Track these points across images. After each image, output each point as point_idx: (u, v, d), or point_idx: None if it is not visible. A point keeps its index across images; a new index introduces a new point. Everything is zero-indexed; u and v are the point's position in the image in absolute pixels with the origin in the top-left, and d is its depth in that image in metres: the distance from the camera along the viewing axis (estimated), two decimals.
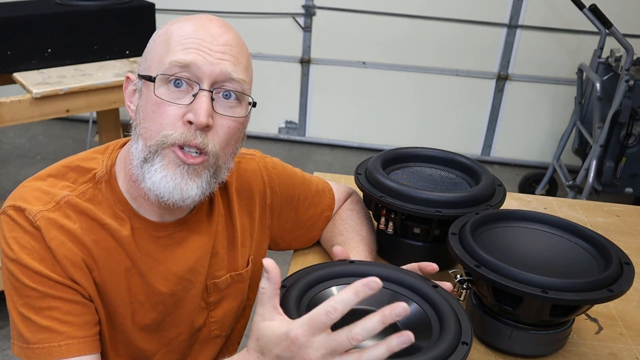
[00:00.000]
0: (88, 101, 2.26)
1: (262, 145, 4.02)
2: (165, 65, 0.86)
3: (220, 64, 0.87)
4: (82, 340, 0.88)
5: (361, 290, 0.66)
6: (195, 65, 0.85)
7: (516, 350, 1.01)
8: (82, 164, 0.95)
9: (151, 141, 0.87)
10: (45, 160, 3.60)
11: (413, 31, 3.74)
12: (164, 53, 0.88)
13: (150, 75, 0.88)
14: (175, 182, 0.87)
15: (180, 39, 0.87)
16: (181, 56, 0.86)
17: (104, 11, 2.40)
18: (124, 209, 0.94)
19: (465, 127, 3.96)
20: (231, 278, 1.06)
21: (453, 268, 1.16)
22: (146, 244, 0.95)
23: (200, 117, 0.84)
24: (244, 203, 1.08)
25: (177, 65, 0.85)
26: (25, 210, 0.87)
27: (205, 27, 0.88)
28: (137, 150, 0.89)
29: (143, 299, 0.97)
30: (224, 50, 0.88)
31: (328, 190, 1.23)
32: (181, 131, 0.86)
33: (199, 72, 0.86)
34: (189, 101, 0.86)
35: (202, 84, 0.86)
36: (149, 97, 0.88)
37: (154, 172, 0.87)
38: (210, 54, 0.86)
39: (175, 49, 0.87)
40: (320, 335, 0.68)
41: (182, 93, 0.86)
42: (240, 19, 3.79)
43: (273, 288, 0.74)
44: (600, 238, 1.04)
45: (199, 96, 0.86)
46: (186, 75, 0.86)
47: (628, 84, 2.82)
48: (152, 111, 0.87)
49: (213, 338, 1.09)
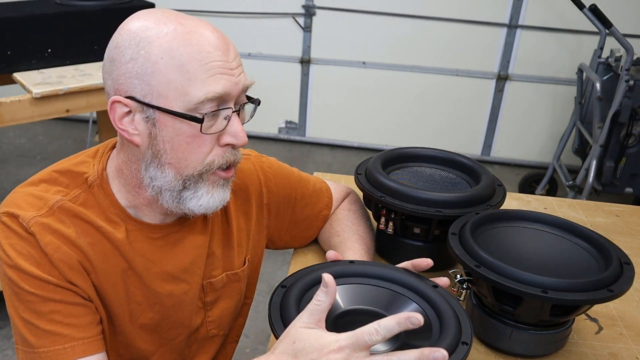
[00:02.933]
0: (88, 101, 2.26)
1: (262, 145, 4.02)
2: (197, 98, 0.83)
3: (241, 80, 0.87)
4: (87, 341, 0.89)
5: (403, 323, 0.71)
6: (227, 93, 0.85)
7: (516, 350, 1.01)
8: (73, 168, 0.95)
9: (190, 171, 0.88)
10: (45, 160, 3.60)
11: (413, 31, 3.74)
12: (184, 82, 0.83)
13: (173, 109, 0.84)
14: (221, 198, 0.92)
15: (201, 65, 0.83)
16: (213, 87, 0.83)
17: (104, 11, 2.40)
18: (117, 212, 0.94)
19: (465, 127, 3.96)
20: (227, 278, 1.06)
21: (453, 268, 1.16)
22: (141, 245, 0.95)
23: (241, 140, 0.88)
24: (240, 203, 1.09)
25: (213, 99, 0.84)
26: (18, 216, 0.87)
27: (213, 43, 0.84)
28: (166, 180, 0.89)
29: (141, 299, 0.97)
30: (238, 63, 0.87)
31: (326, 190, 1.23)
32: (221, 154, 0.88)
33: (230, 97, 0.86)
34: (223, 126, 0.87)
35: (231, 105, 0.87)
36: (179, 130, 0.85)
37: (199, 197, 0.90)
38: (232, 73, 0.85)
39: (201, 77, 0.83)
40: (361, 352, 0.73)
41: (214, 120, 0.86)
42: (241, 19, 3.78)
43: (328, 302, 0.78)
44: (600, 238, 1.04)
45: (233, 119, 0.87)
46: (217, 105, 0.86)
47: (628, 84, 2.82)
48: (187, 143, 0.86)
49: (211, 337, 1.10)
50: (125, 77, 0.85)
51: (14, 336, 0.90)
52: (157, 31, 0.84)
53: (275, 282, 2.59)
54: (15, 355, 0.90)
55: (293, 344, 0.76)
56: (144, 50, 0.83)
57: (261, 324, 2.40)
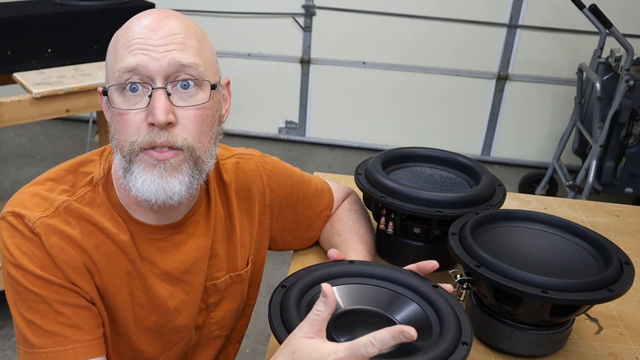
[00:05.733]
0: (88, 101, 2.26)
1: (262, 145, 4.02)
2: (116, 74, 0.86)
3: (167, 56, 0.85)
4: (88, 344, 0.89)
5: (397, 336, 0.72)
6: (142, 66, 0.84)
7: (516, 350, 1.01)
8: (80, 167, 0.96)
9: (124, 151, 0.87)
10: (45, 160, 3.60)
11: (413, 31, 3.74)
12: (114, 61, 0.87)
13: (106, 87, 0.88)
14: (156, 183, 0.86)
15: (125, 43, 0.86)
16: (127, 61, 0.85)
17: (104, 11, 2.40)
18: (120, 212, 0.94)
19: (465, 127, 3.95)
20: (230, 279, 1.06)
21: (453, 268, 1.16)
22: (144, 247, 0.95)
23: (158, 116, 0.83)
24: (244, 204, 1.08)
25: (125, 71, 0.85)
26: (24, 216, 0.88)
27: (144, 24, 0.87)
28: (118, 163, 0.90)
29: (144, 302, 0.97)
30: (167, 41, 0.86)
31: (327, 190, 1.23)
32: (144, 134, 0.85)
33: (148, 71, 0.85)
34: (147, 103, 0.85)
35: (155, 82, 0.85)
36: (112, 110, 0.88)
37: (135, 180, 0.87)
38: (154, 50, 0.85)
39: (122, 54, 0.86)
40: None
41: (139, 97, 0.86)
42: (241, 19, 3.78)
43: (328, 312, 0.77)
44: (600, 238, 1.04)
45: (154, 96, 0.85)
46: (138, 78, 0.85)
47: (628, 84, 2.82)
48: (117, 121, 0.87)
49: (213, 338, 1.10)
50: None
51: (15, 336, 0.90)
52: None
53: (275, 282, 2.59)
54: (17, 355, 0.90)
55: (292, 354, 0.76)
56: None
57: (261, 324, 2.39)
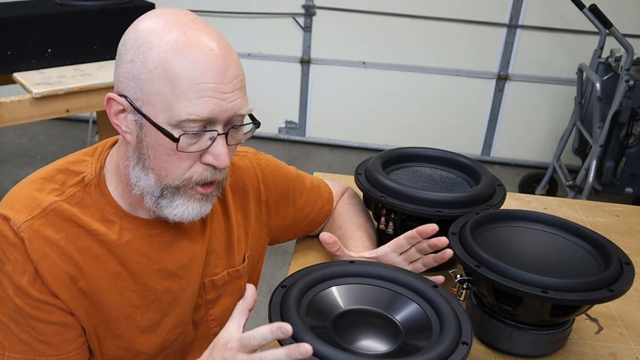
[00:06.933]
0: (88, 101, 2.27)
1: (262, 145, 4.02)
2: (180, 116, 0.82)
3: (234, 106, 0.85)
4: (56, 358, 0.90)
5: (275, 331, 0.78)
6: (213, 117, 0.84)
7: (516, 350, 1.01)
8: (71, 167, 0.95)
9: (168, 182, 0.88)
10: (45, 160, 3.60)
11: (413, 31, 3.74)
12: (172, 97, 0.82)
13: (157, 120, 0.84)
14: (197, 211, 0.92)
15: (191, 84, 0.82)
16: (198, 109, 0.82)
17: (104, 11, 2.40)
18: (114, 211, 0.94)
19: (465, 127, 3.95)
20: (229, 275, 1.07)
21: (453, 268, 1.16)
22: (140, 243, 0.95)
23: (225, 162, 0.87)
24: (238, 200, 1.09)
25: (196, 120, 0.83)
26: (10, 220, 0.87)
27: (211, 63, 0.83)
28: (148, 183, 0.89)
29: (138, 302, 0.96)
30: (233, 87, 0.85)
31: (324, 186, 1.25)
32: (201, 171, 0.88)
33: (216, 120, 0.85)
34: (207, 145, 0.86)
35: (218, 128, 0.85)
36: (160, 141, 0.85)
37: (175, 207, 0.90)
38: (224, 99, 0.84)
39: (188, 96, 0.82)
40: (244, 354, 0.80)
41: (197, 138, 0.85)
42: (241, 19, 3.78)
43: (243, 306, 0.86)
44: (600, 238, 1.04)
45: (218, 141, 0.86)
46: (203, 125, 0.85)
47: (628, 84, 2.82)
48: (168, 155, 0.86)
49: (212, 335, 1.09)
50: (124, 76, 0.86)
51: None
52: (160, 37, 0.83)
53: (275, 282, 2.59)
54: None
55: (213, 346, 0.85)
56: (143, 55, 0.83)
57: (261, 324, 2.38)
